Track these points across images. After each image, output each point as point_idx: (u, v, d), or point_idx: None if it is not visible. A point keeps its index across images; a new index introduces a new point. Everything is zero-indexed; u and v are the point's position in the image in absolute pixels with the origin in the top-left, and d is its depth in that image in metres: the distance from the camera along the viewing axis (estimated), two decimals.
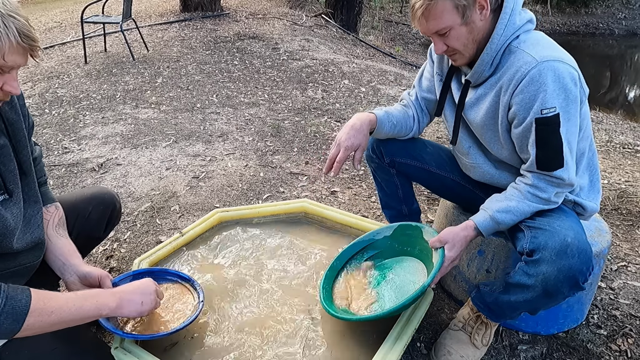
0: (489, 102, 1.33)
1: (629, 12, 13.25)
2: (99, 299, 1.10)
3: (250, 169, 2.87)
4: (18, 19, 0.89)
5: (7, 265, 1.12)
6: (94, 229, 1.49)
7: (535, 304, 1.28)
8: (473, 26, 1.25)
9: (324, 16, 7.95)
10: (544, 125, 1.20)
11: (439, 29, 1.26)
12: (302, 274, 1.61)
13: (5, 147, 1.09)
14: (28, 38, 0.92)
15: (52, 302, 1.01)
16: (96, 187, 1.64)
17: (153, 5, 8.43)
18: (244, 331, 1.37)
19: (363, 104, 4.17)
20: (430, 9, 1.23)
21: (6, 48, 0.89)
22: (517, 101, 1.24)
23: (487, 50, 1.27)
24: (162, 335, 1.23)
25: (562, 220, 1.26)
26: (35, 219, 1.19)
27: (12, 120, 1.11)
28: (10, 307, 0.94)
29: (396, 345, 1.23)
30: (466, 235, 1.34)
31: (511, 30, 1.26)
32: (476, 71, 1.32)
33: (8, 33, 0.88)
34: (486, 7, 1.23)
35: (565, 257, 1.17)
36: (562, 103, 1.19)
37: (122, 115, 3.77)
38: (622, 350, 1.57)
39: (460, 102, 1.42)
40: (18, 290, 0.98)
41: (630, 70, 10.53)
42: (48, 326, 1.01)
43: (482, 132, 1.40)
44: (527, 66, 1.21)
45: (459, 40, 1.27)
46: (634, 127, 4.09)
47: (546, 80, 1.18)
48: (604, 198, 2.53)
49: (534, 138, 1.23)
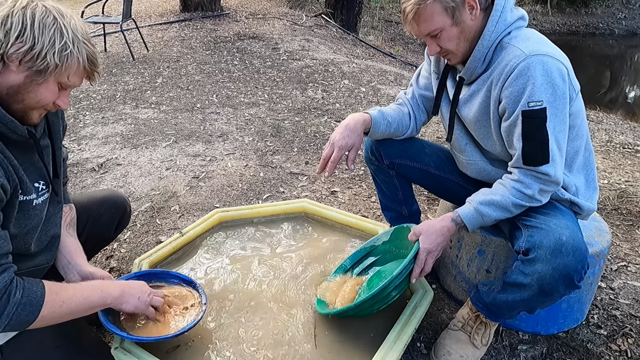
0: (481, 98, 1.33)
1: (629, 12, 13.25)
2: (104, 289, 1.16)
3: (250, 169, 2.87)
4: (89, 47, 1.02)
5: (25, 265, 1.15)
6: (105, 231, 1.54)
7: (532, 303, 1.28)
8: (464, 26, 1.26)
9: (324, 16, 7.95)
10: (530, 118, 1.21)
11: (430, 31, 1.28)
12: (302, 274, 1.61)
13: (48, 148, 1.18)
14: (93, 65, 1.04)
15: (62, 293, 1.07)
16: (108, 190, 1.70)
17: (153, 5, 8.43)
18: (244, 331, 1.38)
19: (363, 104, 4.17)
20: (420, 12, 1.25)
21: (74, 69, 1.01)
22: (506, 94, 1.25)
23: (479, 47, 1.28)
24: (165, 338, 1.23)
25: (558, 219, 1.26)
26: (55, 217, 1.24)
27: (52, 123, 1.19)
28: (27, 299, 0.99)
29: (396, 345, 1.23)
30: (443, 226, 1.34)
31: (502, 27, 1.26)
32: (469, 68, 1.33)
33: (80, 57, 1.00)
34: (476, 7, 1.24)
35: (560, 256, 1.17)
36: (550, 98, 1.19)
37: (122, 115, 3.77)
38: (622, 350, 1.57)
39: (455, 99, 1.43)
40: (33, 282, 1.03)
41: (630, 70, 10.53)
42: (58, 317, 1.06)
43: (476, 128, 1.41)
44: (517, 59, 1.21)
45: (451, 40, 1.29)
46: (634, 127, 4.09)
47: (534, 73, 1.19)
48: (604, 198, 2.53)
49: (520, 131, 1.23)
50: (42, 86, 0.99)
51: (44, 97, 1.01)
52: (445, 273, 1.79)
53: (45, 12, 0.96)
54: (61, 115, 1.27)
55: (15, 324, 0.99)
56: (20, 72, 0.95)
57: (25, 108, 1.01)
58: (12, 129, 1.00)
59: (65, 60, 0.97)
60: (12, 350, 1.10)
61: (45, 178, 1.15)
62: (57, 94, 1.03)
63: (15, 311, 0.97)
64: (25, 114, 1.03)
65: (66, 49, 0.97)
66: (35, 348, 1.12)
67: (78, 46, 0.99)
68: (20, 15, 0.93)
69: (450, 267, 1.75)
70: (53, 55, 0.95)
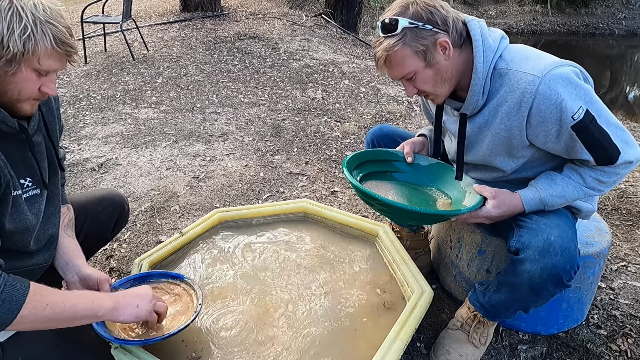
0: (495, 129, 1.29)
1: (629, 12, 13.24)
2: (95, 299, 1.10)
3: (250, 169, 2.87)
4: (56, 26, 0.96)
5: (24, 263, 1.15)
6: (103, 229, 1.53)
7: (525, 302, 1.29)
8: (438, 67, 1.24)
9: (324, 16, 7.95)
10: (583, 128, 1.17)
11: (404, 75, 1.26)
12: (301, 273, 1.61)
13: (41, 145, 1.16)
14: (64, 44, 0.98)
15: (48, 296, 1.01)
16: (106, 189, 1.70)
17: (153, 5, 8.43)
18: (244, 331, 1.38)
19: (363, 104, 4.17)
20: (390, 58, 1.23)
21: (41, 52, 0.95)
22: (536, 122, 1.21)
23: (475, 80, 1.24)
24: (157, 340, 1.21)
25: (549, 218, 1.26)
26: (53, 217, 1.23)
27: (48, 121, 1.18)
28: (7, 295, 0.94)
29: (396, 345, 1.23)
30: (516, 205, 1.31)
31: (491, 54, 1.24)
32: (470, 103, 1.29)
33: (44, 39, 0.94)
34: (448, 47, 1.22)
35: (548, 256, 1.17)
36: (584, 97, 1.17)
37: (122, 115, 3.77)
38: (622, 350, 1.57)
39: (461, 135, 1.38)
40: (18, 280, 0.98)
41: (630, 70, 10.53)
42: (40, 321, 0.99)
43: (491, 159, 1.36)
44: (532, 86, 1.18)
45: (426, 83, 1.27)
46: (634, 127, 4.09)
47: (558, 89, 1.16)
48: (604, 198, 2.53)
49: (581, 144, 1.20)
50: (17, 76, 0.96)
51: (24, 87, 0.98)
52: (445, 273, 1.79)
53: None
54: (57, 114, 1.25)
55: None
56: None
57: (11, 101, 0.99)
58: (1, 120, 0.99)
59: (29, 44, 0.93)
60: (12, 347, 1.09)
61: (35, 175, 1.13)
62: (37, 82, 0.99)
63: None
64: (15, 106, 1.01)
65: (26, 32, 0.92)
66: (35, 346, 1.11)
67: (41, 28, 0.94)
68: None
69: (450, 267, 1.75)
70: (15, 42, 0.91)
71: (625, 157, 1.20)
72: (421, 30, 1.20)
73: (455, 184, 1.48)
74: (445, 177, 1.52)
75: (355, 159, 1.49)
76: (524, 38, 11.84)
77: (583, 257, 1.49)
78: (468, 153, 1.41)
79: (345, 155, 3.11)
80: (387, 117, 3.88)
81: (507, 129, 1.27)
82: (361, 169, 1.52)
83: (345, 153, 3.15)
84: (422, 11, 1.20)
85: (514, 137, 1.27)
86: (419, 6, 1.20)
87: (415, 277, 1.49)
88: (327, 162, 3.00)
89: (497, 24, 12.12)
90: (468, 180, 1.45)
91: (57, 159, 1.24)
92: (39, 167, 1.14)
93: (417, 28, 1.19)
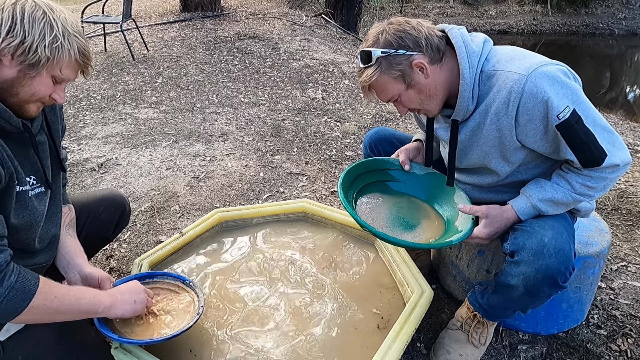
0: (487, 130, 1.29)
1: (629, 12, 13.24)
2: (96, 295, 1.16)
3: (250, 169, 2.87)
4: (80, 40, 1.04)
5: (26, 262, 1.16)
6: (104, 229, 1.54)
7: (522, 303, 1.30)
8: (420, 86, 1.26)
9: (324, 16, 7.95)
10: (568, 127, 1.16)
11: (389, 99, 1.30)
12: (302, 273, 1.61)
13: (44, 144, 1.19)
14: (85, 57, 1.06)
15: (56, 288, 1.07)
16: (107, 189, 1.72)
17: (153, 5, 8.43)
18: (244, 331, 1.38)
19: (363, 104, 4.17)
20: (373, 85, 1.28)
21: (65, 62, 1.02)
22: (524, 120, 1.20)
23: (463, 87, 1.24)
24: (158, 340, 1.21)
25: (544, 220, 1.26)
26: (55, 217, 1.25)
27: (51, 121, 1.21)
28: (20, 285, 1.00)
29: (396, 345, 1.23)
30: (508, 219, 1.31)
31: (475, 59, 1.24)
32: (460, 109, 1.29)
33: (71, 50, 1.01)
34: (425, 67, 1.23)
35: (542, 258, 1.17)
36: (571, 97, 1.16)
37: (122, 115, 3.77)
38: (622, 350, 1.57)
39: (452, 141, 1.37)
40: (28, 272, 1.04)
41: (630, 70, 10.52)
42: (49, 312, 1.05)
43: (487, 162, 1.36)
44: (518, 84, 1.17)
45: (412, 102, 1.30)
46: (634, 127, 4.08)
47: (543, 87, 1.15)
48: (604, 198, 2.53)
49: (565, 143, 1.18)
50: (35, 80, 1.00)
51: (39, 91, 1.02)
52: (445, 273, 1.79)
53: (35, 6, 0.98)
54: (60, 115, 1.28)
55: (6, 309, 0.98)
56: (13, 67, 0.97)
57: (20, 102, 1.03)
58: (6, 119, 1.02)
59: (57, 52, 0.99)
60: (13, 347, 1.11)
61: (38, 173, 1.16)
62: (51, 88, 1.04)
63: (7, 295, 0.97)
64: (22, 107, 1.04)
65: (56, 41, 0.98)
66: (36, 345, 1.13)
67: (69, 39, 1.00)
68: (10, 10, 0.96)
69: (450, 267, 1.75)
70: (44, 48, 0.97)
71: (612, 160, 1.17)
72: (394, 57, 1.23)
73: (449, 199, 1.47)
74: (440, 188, 1.51)
75: (350, 174, 1.49)
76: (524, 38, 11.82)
77: (583, 257, 1.49)
78: (463, 157, 1.41)
79: (345, 155, 3.11)
80: (387, 117, 3.88)
81: (498, 129, 1.27)
82: (357, 181, 1.52)
83: (345, 153, 3.15)
84: (391, 39, 1.23)
85: (505, 137, 1.27)
86: (388, 34, 1.23)
87: (415, 277, 1.49)
88: (327, 162, 3.00)
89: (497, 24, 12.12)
90: (461, 196, 1.45)
91: (59, 159, 1.26)
92: (42, 166, 1.16)
93: (389, 55, 1.23)
